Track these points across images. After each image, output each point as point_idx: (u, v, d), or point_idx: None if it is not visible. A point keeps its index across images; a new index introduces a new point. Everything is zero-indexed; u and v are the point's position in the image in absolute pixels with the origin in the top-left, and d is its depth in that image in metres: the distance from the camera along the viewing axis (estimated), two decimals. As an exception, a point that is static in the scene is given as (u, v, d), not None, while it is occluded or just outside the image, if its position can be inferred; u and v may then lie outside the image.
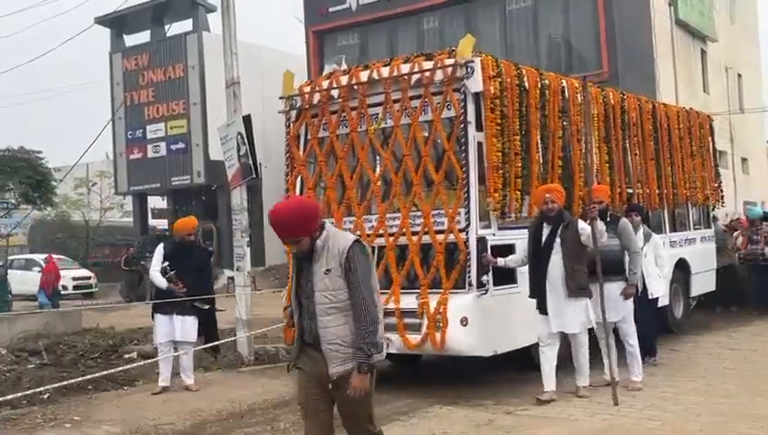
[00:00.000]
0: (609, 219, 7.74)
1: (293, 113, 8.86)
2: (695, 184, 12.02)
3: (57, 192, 24.04)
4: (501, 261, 7.40)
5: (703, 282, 12.29)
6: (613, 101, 9.96)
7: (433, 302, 7.51)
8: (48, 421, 7.26)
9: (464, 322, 7.39)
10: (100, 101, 21.41)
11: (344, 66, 8.79)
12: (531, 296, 7.15)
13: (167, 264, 8.31)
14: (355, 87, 8.36)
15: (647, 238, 8.83)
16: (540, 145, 8.44)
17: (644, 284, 8.67)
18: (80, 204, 35.32)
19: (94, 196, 36.04)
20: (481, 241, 7.52)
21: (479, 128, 7.72)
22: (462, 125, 7.60)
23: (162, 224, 32.26)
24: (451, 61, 7.74)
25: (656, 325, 9.29)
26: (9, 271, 21.71)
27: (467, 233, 7.51)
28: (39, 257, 25.93)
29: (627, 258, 7.69)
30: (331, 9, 23.60)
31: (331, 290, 4.11)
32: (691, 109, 12.68)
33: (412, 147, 8.05)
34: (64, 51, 28.25)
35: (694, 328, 11.49)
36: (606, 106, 9.75)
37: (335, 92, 8.51)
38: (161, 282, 8.28)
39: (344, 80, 8.47)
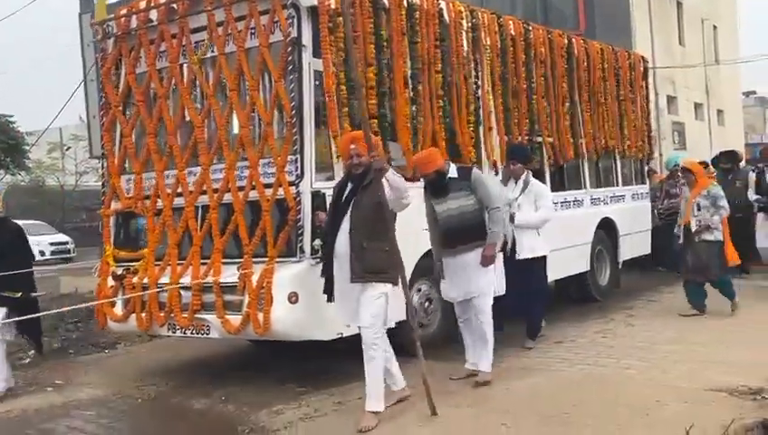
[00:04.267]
0: (456, 175, 6.01)
1: (110, 44, 7.21)
2: (622, 134, 10.54)
3: (30, 157, 23.38)
4: None
5: (633, 244, 10.88)
6: (514, 31, 8.39)
7: (257, 274, 5.98)
8: (29, 386, 7.18)
9: (292, 298, 5.85)
10: (72, 65, 20.16)
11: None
12: (321, 275, 5.42)
13: None
14: (175, 6, 6.71)
15: (525, 186, 7.15)
16: (410, 80, 6.93)
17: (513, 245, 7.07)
18: (54, 168, 33.80)
19: (69, 160, 34.32)
20: (317, 196, 5.97)
21: (318, 55, 6.14)
22: (290, 49, 6.00)
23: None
24: (278, -32, 6.11)
25: (542, 299, 7.57)
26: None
27: (298, 187, 5.96)
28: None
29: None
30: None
31: None
32: (622, 48, 11.12)
33: (239, 81, 6.42)
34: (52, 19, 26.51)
35: (672, 279, 10.67)
36: (503, 37, 8.19)
37: (154, 15, 6.85)
38: None
39: (163, -1, 6.81)
